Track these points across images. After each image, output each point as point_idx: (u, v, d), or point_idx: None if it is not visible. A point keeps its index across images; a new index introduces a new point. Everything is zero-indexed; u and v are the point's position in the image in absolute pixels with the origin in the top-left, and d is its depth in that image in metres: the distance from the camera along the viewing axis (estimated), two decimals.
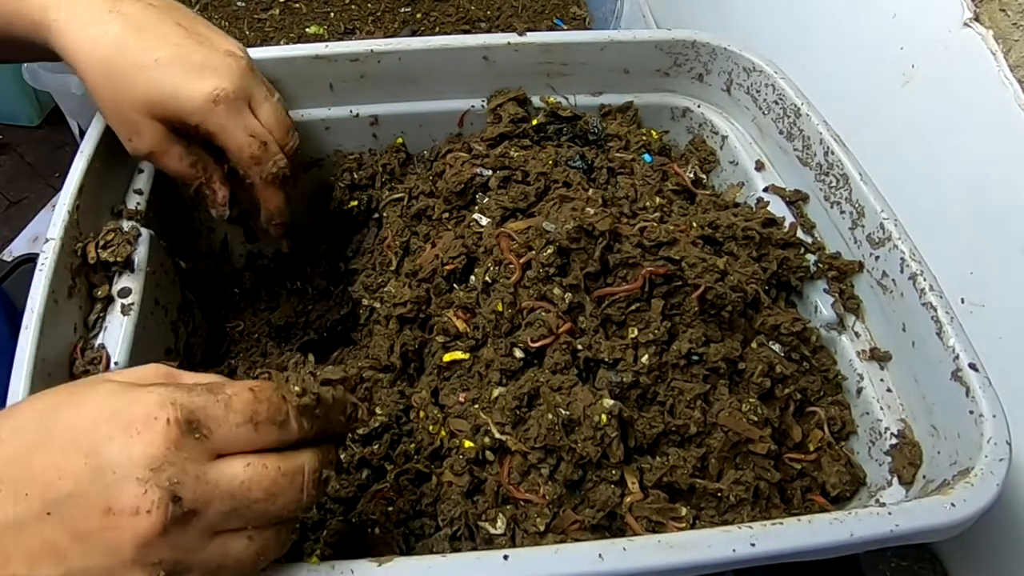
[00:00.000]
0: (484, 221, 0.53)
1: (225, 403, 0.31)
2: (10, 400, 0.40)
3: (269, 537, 0.33)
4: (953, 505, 0.37)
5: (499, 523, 0.42)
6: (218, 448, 0.31)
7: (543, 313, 0.46)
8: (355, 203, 0.64)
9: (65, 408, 0.31)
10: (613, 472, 0.42)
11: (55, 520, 0.28)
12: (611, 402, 0.42)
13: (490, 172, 0.57)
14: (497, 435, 0.43)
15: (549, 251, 0.47)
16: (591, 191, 0.52)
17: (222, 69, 0.50)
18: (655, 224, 0.49)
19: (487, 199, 0.55)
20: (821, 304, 0.52)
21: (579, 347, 0.46)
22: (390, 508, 0.43)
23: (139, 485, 0.28)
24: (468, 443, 0.44)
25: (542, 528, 0.41)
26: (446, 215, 0.57)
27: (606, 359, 0.45)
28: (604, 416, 0.42)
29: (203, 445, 0.30)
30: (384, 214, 0.61)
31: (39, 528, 0.28)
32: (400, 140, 0.65)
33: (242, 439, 0.32)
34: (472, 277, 0.51)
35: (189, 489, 0.29)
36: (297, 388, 0.34)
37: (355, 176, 0.64)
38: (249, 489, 0.31)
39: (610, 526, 0.42)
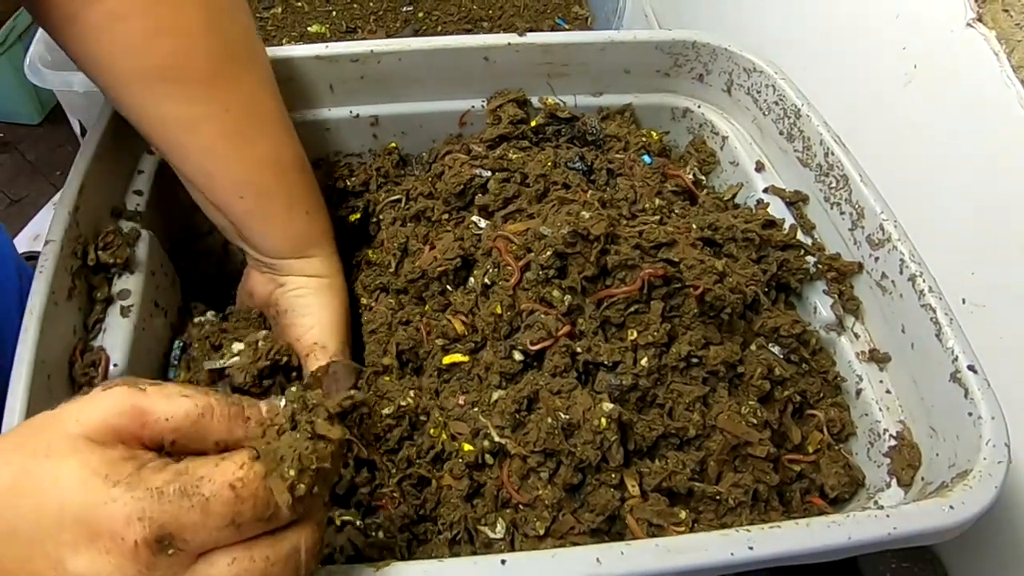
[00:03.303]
0: (483, 223, 0.53)
1: (202, 508, 0.28)
2: (9, 402, 0.40)
3: None
4: (952, 507, 0.37)
5: (498, 527, 0.42)
6: (197, 551, 0.29)
7: (542, 315, 0.46)
8: (355, 216, 0.63)
9: (26, 496, 0.28)
10: (613, 476, 0.42)
11: None
12: (611, 406, 0.42)
13: (489, 173, 0.57)
14: (497, 438, 0.43)
15: (548, 254, 0.47)
16: (589, 193, 0.52)
17: None
18: (654, 226, 0.49)
19: (486, 200, 0.55)
20: (820, 305, 0.52)
21: (578, 349, 0.46)
22: (392, 512, 0.43)
23: None
24: (468, 446, 0.44)
25: (541, 532, 0.41)
26: (445, 216, 0.57)
27: (605, 362, 0.45)
28: (604, 420, 0.42)
29: (178, 558, 0.28)
30: (380, 216, 0.61)
31: None
32: (394, 144, 0.65)
33: (223, 539, 0.29)
34: (471, 279, 0.51)
35: None
36: (292, 472, 0.29)
37: (348, 183, 0.64)
38: None
39: (609, 530, 0.42)
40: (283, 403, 0.32)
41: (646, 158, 0.61)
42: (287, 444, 0.30)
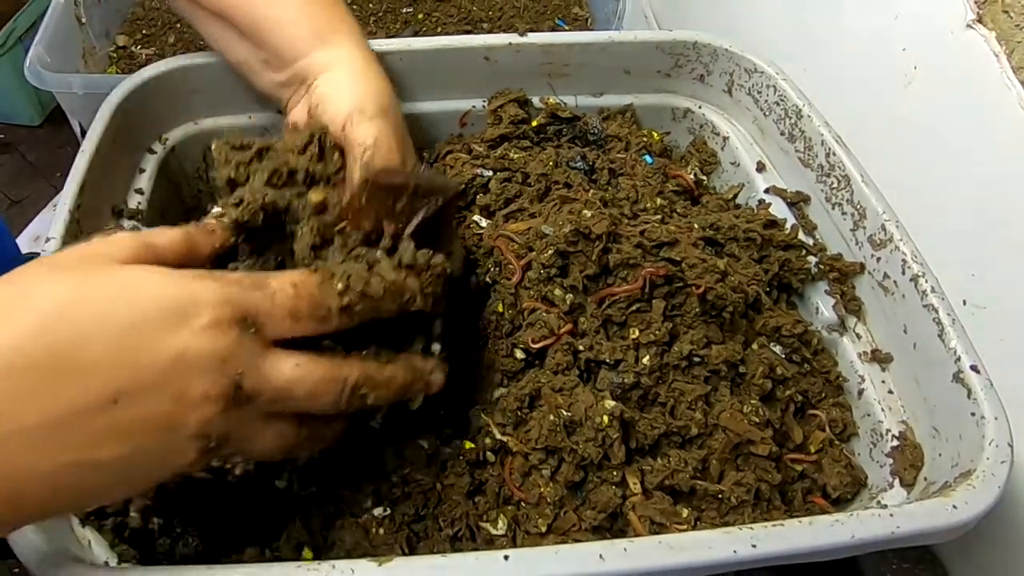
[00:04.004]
0: (484, 223, 0.53)
1: (271, 298, 0.34)
2: None
3: (289, 439, 0.36)
4: (954, 507, 0.37)
5: (500, 524, 0.42)
6: (268, 338, 0.34)
7: (544, 314, 0.46)
8: None
9: (119, 303, 0.31)
10: (615, 473, 0.42)
11: (123, 407, 0.30)
12: (613, 403, 0.42)
13: (490, 173, 0.57)
14: (498, 436, 0.43)
15: (549, 252, 0.47)
16: (591, 192, 0.52)
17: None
18: (656, 225, 0.49)
19: (487, 200, 0.55)
20: (822, 306, 0.52)
21: (580, 348, 0.46)
22: (393, 509, 0.43)
23: (208, 376, 0.31)
24: (468, 444, 0.44)
25: (543, 529, 0.41)
26: None
27: (607, 360, 0.45)
28: (606, 417, 0.42)
29: (257, 338, 0.33)
30: None
31: (107, 414, 0.30)
32: None
33: (285, 330, 0.34)
34: (472, 278, 0.51)
35: (249, 379, 0.33)
36: (340, 285, 0.35)
37: None
38: (293, 388, 0.34)
39: (611, 527, 0.42)
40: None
41: (647, 158, 0.61)
42: (344, 268, 0.36)
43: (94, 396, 0.29)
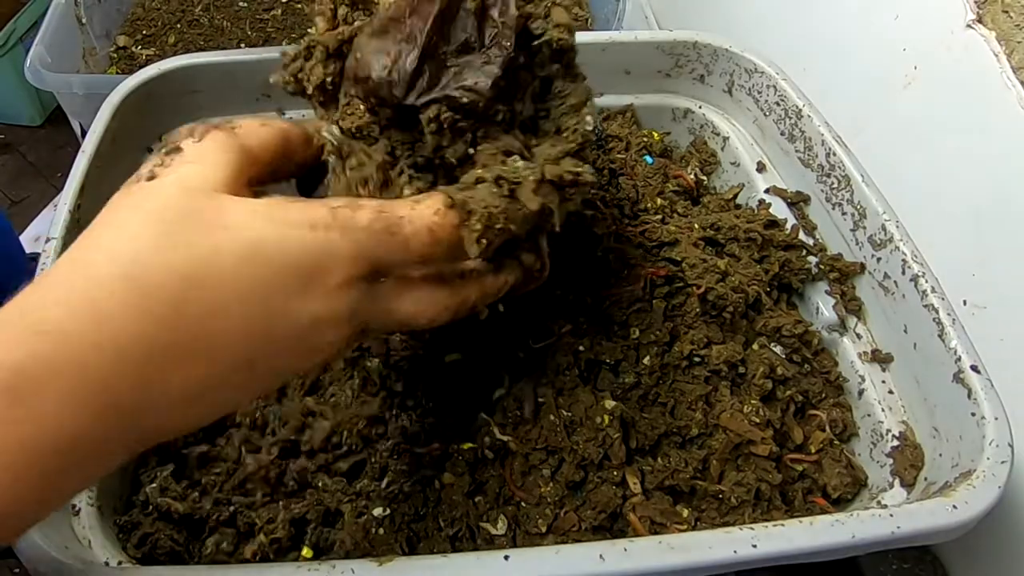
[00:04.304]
0: None
1: (403, 245, 0.32)
2: None
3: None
4: (955, 507, 0.37)
5: (500, 524, 0.42)
6: (395, 277, 0.33)
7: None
8: None
9: (244, 272, 0.29)
10: (615, 473, 0.42)
11: (257, 367, 0.30)
12: (613, 403, 0.42)
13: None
14: (498, 435, 0.43)
15: None
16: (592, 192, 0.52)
17: None
18: (657, 225, 0.49)
19: None
20: (823, 306, 0.52)
21: (581, 348, 0.46)
22: (393, 509, 0.43)
23: (337, 330, 0.31)
24: (467, 443, 0.44)
25: (543, 529, 0.41)
26: None
27: (608, 360, 0.45)
28: (606, 417, 0.42)
29: (382, 286, 0.33)
30: None
31: (240, 374, 0.30)
32: None
33: (414, 272, 0.34)
34: None
35: (374, 323, 0.33)
36: (479, 226, 0.32)
37: None
38: (413, 319, 0.34)
39: (611, 527, 0.42)
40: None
41: (648, 158, 0.61)
42: (481, 199, 0.32)
43: (228, 366, 0.29)
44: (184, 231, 0.28)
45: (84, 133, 0.57)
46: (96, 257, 0.28)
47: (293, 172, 0.37)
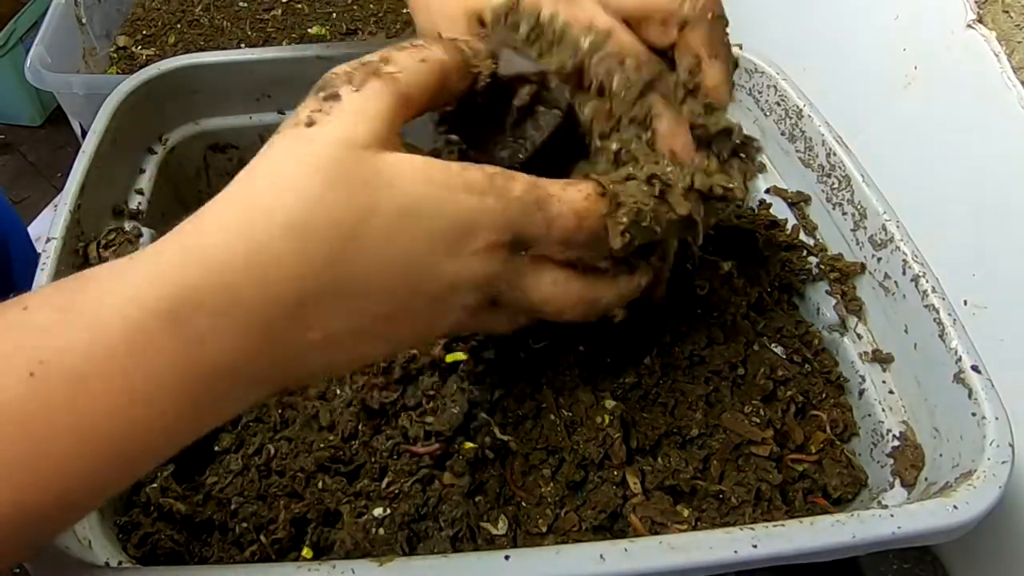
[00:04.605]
0: None
1: (548, 223, 0.33)
2: None
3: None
4: (955, 507, 0.37)
5: (500, 524, 0.42)
6: (534, 261, 0.34)
7: None
8: None
9: (399, 231, 0.30)
10: (615, 473, 0.42)
11: (395, 321, 0.32)
12: (613, 403, 0.42)
13: None
14: (499, 435, 0.43)
15: None
16: None
17: None
18: None
19: None
20: (823, 306, 0.52)
21: (581, 348, 0.46)
22: (393, 509, 0.43)
23: (472, 295, 0.33)
24: (468, 444, 0.44)
25: (544, 529, 0.41)
26: None
27: (608, 360, 0.45)
28: (607, 417, 0.41)
29: (521, 260, 0.33)
30: None
31: (379, 326, 0.31)
32: None
33: (554, 252, 0.34)
34: None
35: (506, 295, 0.34)
36: (625, 220, 0.32)
37: None
38: (546, 304, 0.35)
39: (611, 527, 0.42)
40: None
41: None
42: (631, 194, 0.33)
43: (371, 317, 0.31)
44: (345, 187, 0.29)
45: (84, 133, 0.57)
46: (257, 202, 0.29)
47: (445, 104, 0.36)
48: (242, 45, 1.12)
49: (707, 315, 0.48)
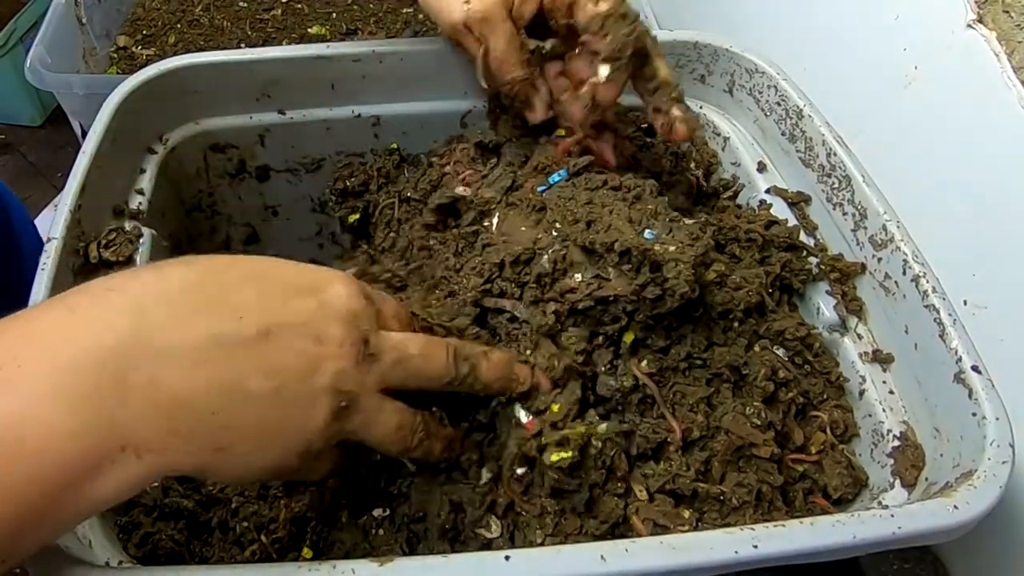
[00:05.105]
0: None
1: (381, 297, 0.40)
2: None
3: (406, 421, 0.38)
4: (956, 507, 0.37)
5: (494, 527, 0.41)
6: (382, 321, 0.39)
7: None
8: (354, 217, 0.63)
9: (269, 270, 0.36)
10: (619, 485, 0.42)
11: (272, 341, 0.33)
12: (604, 427, 0.42)
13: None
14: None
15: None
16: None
17: None
18: None
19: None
20: (823, 306, 0.52)
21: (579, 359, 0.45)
22: (393, 510, 0.43)
23: (344, 326, 0.35)
24: (466, 454, 0.43)
25: (542, 538, 0.41)
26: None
27: (602, 368, 0.45)
28: (599, 443, 0.41)
29: (374, 313, 0.38)
30: (378, 218, 0.61)
31: (258, 347, 0.33)
32: (395, 145, 0.65)
33: (393, 326, 0.39)
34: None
35: (372, 338, 0.36)
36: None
37: (347, 183, 0.63)
38: (407, 345, 0.38)
39: (612, 532, 0.42)
40: None
41: None
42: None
43: (247, 328, 0.32)
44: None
45: (84, 133, 0.57)
46: None
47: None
48: (242, 45, 1.12)
49: (707, 317, 0.48)
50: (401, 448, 0.39)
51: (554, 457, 0.40)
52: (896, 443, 0.46)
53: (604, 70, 0.51)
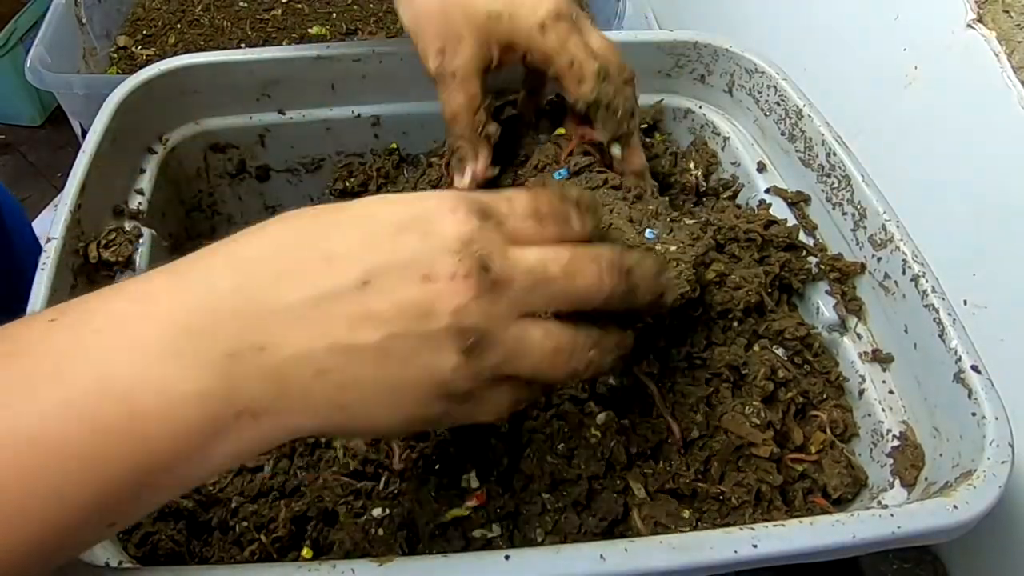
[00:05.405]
0: None
1: (508, 200, 0.34)
2: None
3: (563, 342, 0.34)
4: (955, 507, 0.37)
5: (495, 527, 0.41)
6: (510, 237, 0.33)
7: None
8: None
9: (362, 212, 0.33)
10: (618, 482, 0.42)
11: (374, 289, 0.30)
12: (603, 416, 0.42)
13: None
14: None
15: None
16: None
17: None
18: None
19: None
20: (823, 306, 0.52)
21: None
22: (394, 510, 0.43)
23: (454, 255, 0.30)
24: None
25: (542, 537, 0.41)
26: None
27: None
28: (598, 432, 0.41)
29: (499, 231, 0.32)
30: None
31: (358, 297, 0.30)
32: (394, 145, 0.65)
33: (530, 231, 0.33)
34: None
35: (495, 261, 0.31)
36: (574, 191, 0.35)
37: (347, 184, 0.63)
38: (546, 265, 0.33)
39: (612, 530, 0.42)
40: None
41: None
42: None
43: (344, 278, 0.30)
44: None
45: (84, 133, 0.57)
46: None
47: None
48: (242, 45, 1.12)
49: (706, 316, 0.48)
50: (566, 373, 0.34)
51: None
52: (896, 443, 0.46)
53: (616, 150, 0.51)
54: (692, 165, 0.64)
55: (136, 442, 0.27)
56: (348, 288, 0.30)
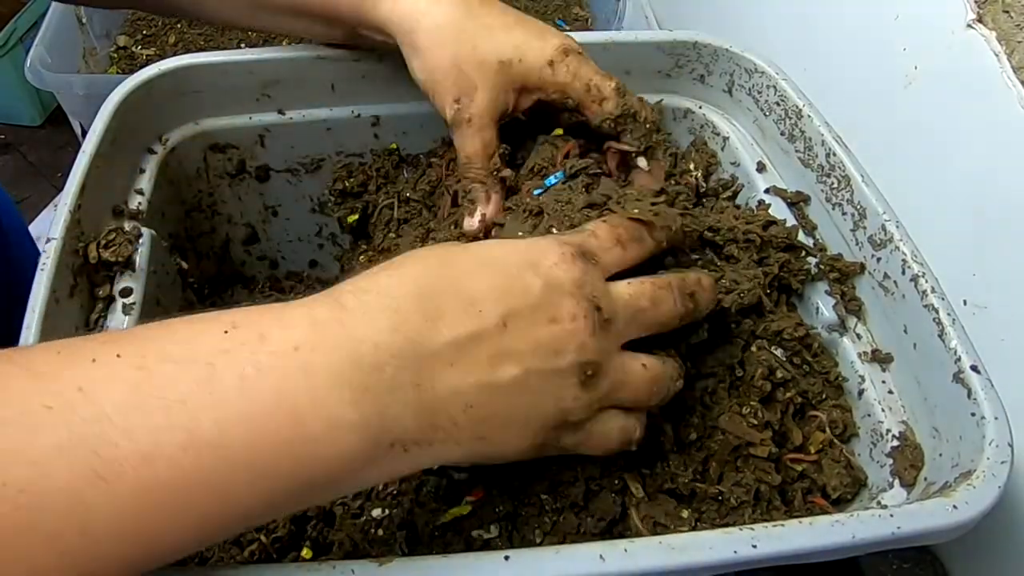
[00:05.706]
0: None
1: (593, 235, 0.39)
2: None
3: (658, 372, 0.39)
4: (955, 507, 0.37)
5: (493, 527, 0.41)
6: (605, 270, 0.38)
7: None
8: (353, 217, 0.63)
9: (483, 257, 0.36)
10: (616, 482, 0.42)
11: (512, 330, 0.34)
12: None
13: None
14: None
15: None
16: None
17: (559, 33, 0.53)
18: None
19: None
20: (822, 306, 0.52)
21: None
22: (394, 510, 0.43)
23: (573, 299, 0.35)
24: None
25: (540, 537, 0.41)
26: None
27: None
28: None
29: (598, 268, 0.37)
30: (377, 219, 0.61)
31: (500, 337, 0.33)
32: (394, 145, 0.65)
33: (616, 259, 0.39)
34: None
35: (603, 301, 0.36)
36: (636, 211, 0.41)
37: (346, 184, 0.63)
38: (638, 299, 0.38)
39: (611, 530, 0.42)
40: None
41: None
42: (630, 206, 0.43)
43: (488, 321, 0.33)
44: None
45: (84, 133, 0.57)
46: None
47: None
48: (242, 45, 1.12)
49: (704, 316, 0.48)
50: (658, 400, 0.39)
51: None
52: (895, 443, 0.46)
53: (643, 163, 0.54)
54: (692, 165, 0.64)
55: (303, 462, 0.29)
56: (490, 330, 0.33)
